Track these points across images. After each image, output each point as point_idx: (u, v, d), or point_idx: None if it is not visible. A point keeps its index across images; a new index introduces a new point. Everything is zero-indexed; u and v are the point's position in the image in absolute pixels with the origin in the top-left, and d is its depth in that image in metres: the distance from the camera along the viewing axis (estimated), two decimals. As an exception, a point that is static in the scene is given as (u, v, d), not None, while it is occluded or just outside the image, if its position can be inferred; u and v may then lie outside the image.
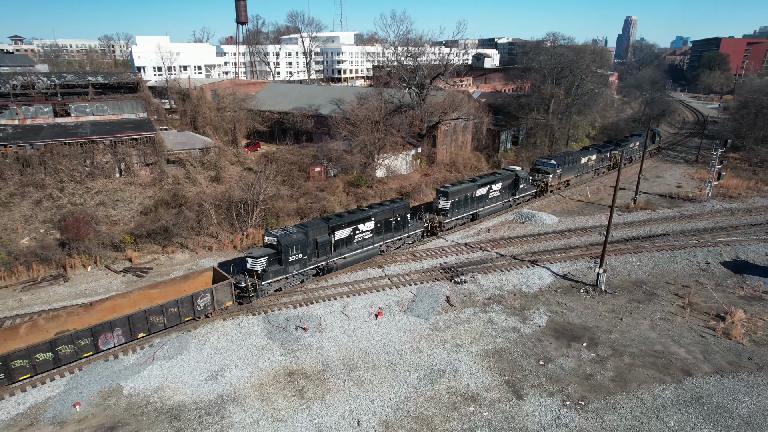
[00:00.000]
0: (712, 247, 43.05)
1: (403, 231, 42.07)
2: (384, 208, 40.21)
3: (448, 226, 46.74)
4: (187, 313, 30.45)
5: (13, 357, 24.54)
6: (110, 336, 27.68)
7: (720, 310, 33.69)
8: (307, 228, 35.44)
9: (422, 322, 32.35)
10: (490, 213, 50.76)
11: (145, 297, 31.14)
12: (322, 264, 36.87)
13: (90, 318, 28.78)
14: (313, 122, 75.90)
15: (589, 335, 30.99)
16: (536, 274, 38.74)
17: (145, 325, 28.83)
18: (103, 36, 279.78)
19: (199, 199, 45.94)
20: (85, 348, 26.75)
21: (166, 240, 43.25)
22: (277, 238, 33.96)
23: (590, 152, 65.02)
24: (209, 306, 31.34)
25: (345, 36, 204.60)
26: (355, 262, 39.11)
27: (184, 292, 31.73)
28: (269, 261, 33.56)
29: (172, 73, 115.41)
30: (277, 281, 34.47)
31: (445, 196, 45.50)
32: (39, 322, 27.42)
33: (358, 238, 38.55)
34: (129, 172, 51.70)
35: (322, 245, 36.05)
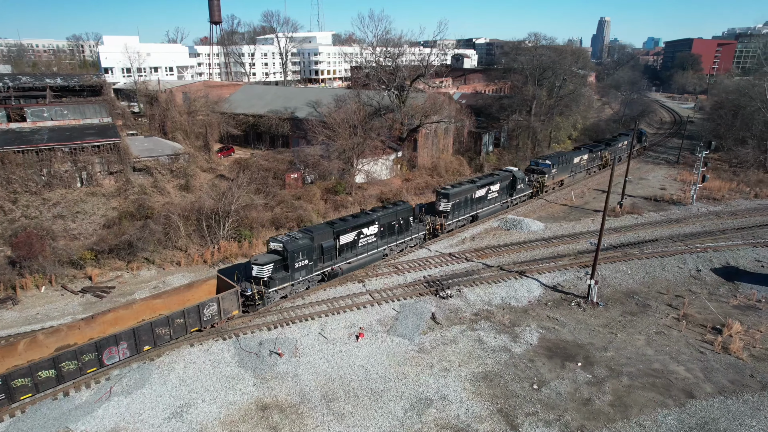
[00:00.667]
0: (702, 253, 41.94)
1: (406, 234, 41.47)
2: (387, 212, 39.56)
3: (449, 227, 46.14)
4: (193, 323, 29.38)
5: (14, 376, 23.19)
6: (115, 350, 26.50)
7: (716, 321, 32.36)
8: (313, 233, 34.53)
9: (406, 343, 30.17)
10: (489, 214, 50.44)
11: (148, 308, 29.94)
12: (327, 269, 36.06)
13: (92, 331, 27.59)
14: (289, 125, 73.21)
15: (583, 354, 29.24)
16: (525, 286, 36.94)
17: (150, 337, 27.68)
18: (72, 36, 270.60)
19: (167, 211, 42.95)
20: (89, 363, 25.57)
21: (131, 255, 40.19)
22: (282, 243, 32.92)
23: (582, 152, 65.12)
24: (216, 316, 30.27)
25: (322, 36, 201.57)
26: (360, 267, 38.34)
27: (188, 301, 30.89)
28: (275, 268, 32.44)
29: (143, 75, 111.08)
30: (283, 288, 33.35)
31: (446, 197, 44.89)
32: (38, 338, 26.06)
33: (362, 243, 37.85)
34: (91, 181, 48.35)
35: (327, 250, 35.26)
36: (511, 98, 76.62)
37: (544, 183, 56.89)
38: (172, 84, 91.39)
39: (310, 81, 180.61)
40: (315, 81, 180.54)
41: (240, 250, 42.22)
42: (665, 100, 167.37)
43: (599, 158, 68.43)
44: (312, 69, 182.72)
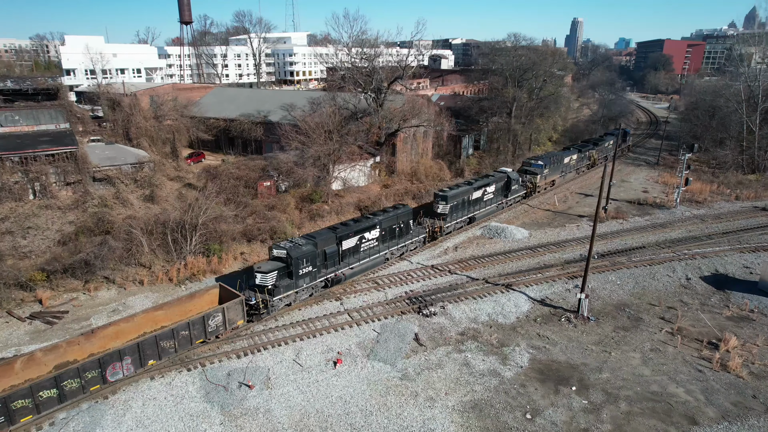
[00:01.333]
0: (690, 260, 40.78)
1: (406, 237, 41.14)
2: (388, 215, 39.13)
3: (448, 230, 46.00)
4: (198, 335, 28.53)
5: (14, 397, 22.09)
6: (119, 366, 25.58)
7: (711, 335, 30.96)
8: (316, 239, 33.99)
9: (389, 370, 27.89)
10: (485, 215, 50.69)
11: (149, 320, 29.06)
12: (331, 276, 35.46)
13: (92, 347, 26.56)
14: (262, 130, 70.24)
15: (577, 376, 27.41)
16: (512, 300, 35.05)
17: (155, 351, 26.81)
18: (35, 35, 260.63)
19: (128, 225, 39.77)
20: (93, 381, 24.60)
21: (89, 274, 36.95)
22: (286, 250, 32.27)
23: (571, 152, 65.59)
24: (221, 326, 29.43)
25: (297, 37, 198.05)
26: (362, 272, 38.14)
27: (190, 312, 30.18)
28: (279, 275, 31.67)
29: (108, 77, 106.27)
30: (287, 296, 32.61)
31: (444, 200, 44.50)
32: (36, 355, 24.85)
33: (364, 247, 37.28)
34: (45, 193, 44.75)
35: (330, 256, 34.59)
36: (491, 100, 75.08)
37: (536, 183, 56.95)
38: (139, 87, 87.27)
39: (285, 82, 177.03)
40: (290, 82, 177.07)
41: (209, 266, 39.40)
42: (640, 100, 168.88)
43: (587, 158, 69.33)
44: (287, 70, 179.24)
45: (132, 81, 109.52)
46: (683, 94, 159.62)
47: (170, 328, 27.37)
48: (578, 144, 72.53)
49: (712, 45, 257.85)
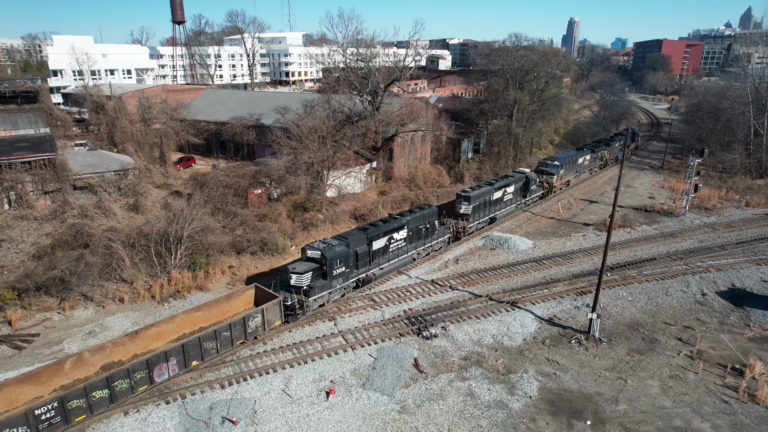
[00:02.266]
0: (704, 274, 38.56)
1: (432, 238, 41.43)
2: (415, 216, 39.32)
3: (471, 230, 46.24)
4: (238, 336, 28.53)
5: (69, 397, 22.13)
6: (165, 367, 25.67)
7: (734, 359, 28.73)
8: (348, 239, 34.13)
9: (386, 401, 25.51)
10: (505, 215, 51.17)
11: (188, 321, 29.34)
12: (362, 276, 35.75)
13: (135, 348, 27.01)
14: (254, 133, 67.84)
15: (591, 407, 25.11)
16: (518, 319, 32.73)
17: (198, 352, 26.85)
18: (27, 35, 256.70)
19: (108, 238, 37.25)
20: (141, 381, 24.73)
21: (65, 291, 34.45)
22: (320, 251, 32.26)
23: (585, 153, 65.86)
24: (259, 327, 29.46)
25: (293, 37, 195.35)
26: (391, 272, 38.47)
27: (227, 313, 30.65)
28: (314, 276, 31.73)
29: (97, 78, 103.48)
30: (321, 297, 32.59)
31: (466, 200, 44.83)
32: (84, 356, 25.11)
33: (392, 248, 37.56)
34: (21, 202, 42.19)
35: (361, 256, 34.84)
36: (492, 102, 72.77)
37: (553, 184, 57.03)
38: (127, 88, 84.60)
39: (280, 83, 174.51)
40: (285, 83, 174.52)
41: (194, 281, 36.98)
42: (639, 101, 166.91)
43: (600, 158, 69.65)
44: (282, 71, 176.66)
45: (121, 82, 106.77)
46: (683, 94, 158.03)
47: (213, 329, 27.31)
48: (590, 144, 72.63)
49: (711, 45, 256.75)
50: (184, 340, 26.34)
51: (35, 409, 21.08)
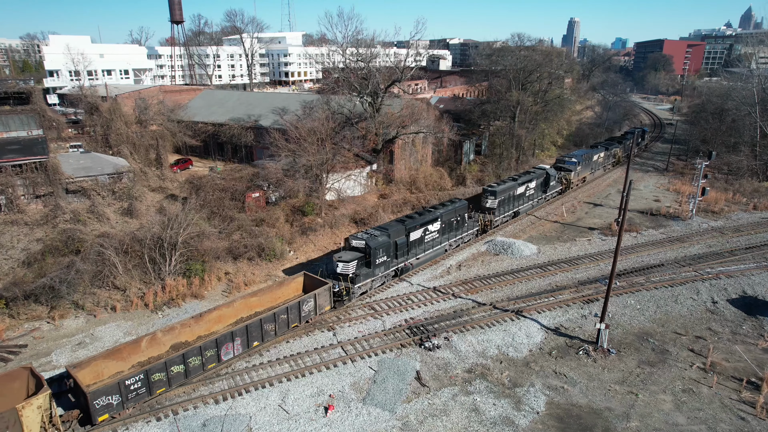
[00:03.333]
0: (714, 281, 37.45)
1: (462, 230, 43.13)
2: (447, 209, 40.94)
3: (496, 223, 47.90)
4: (293, 319, 30.14)
5: (152, 371, 24.15)
6: (230, 346, 27.36)
7: (749, 372, 27.64)
8: (389, 230, 35.97)
9: (387, 417, 24.41)
10: (527, 210, 52.88)
11: (245, 306, 31.05)
12: (401, 265, 37.50)
13: (199, 329, 28.82)
14: (252, 135, 66.71)
15: (602, 424, 24.01)
16: (523, 329, 31.63)
17: (259, 333, 28.49)
18: (26, 34, 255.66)
19: (100, 244, 36.10)
20: (210, 359, 26.48)
21: (54, 300, 33.33)
22: (365, 241, 34.17)
23: (599, 150, 67.86)
24: (312, 312, 31.10)
25: (292, 37, 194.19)
26: (425, 262, 40.24)
27: (279, 299, 32.47)
28: (359, 264, 33.46)
29: (95, 79, 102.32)
30: (365, 284, 34.45)
31: (493, 195, 46.37)
32: (157, 335, 27.20)
33: (427, 239, 39.21)
34: (12, 207, 41.08)
35: (400, 246, 36.65)
36: (494, 103, 71.61)
37: (570, 180, 58.95)
38: (125, 89, 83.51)
39: (279, 83, 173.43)
40: (285, 83, 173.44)
41: (189, 289, 35.89)
42: (641, 101, 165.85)
43: (613, 156, 71.74)
44: (281, 71, 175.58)
45: (118, 83, 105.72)
46: (685, 95, 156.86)
47: (272, 312, 28.82)
48: (604, 143, 74.47)
49: (712, 45, 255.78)
50: (248, 322, 27.88)
51: (126, 379, 23.22)
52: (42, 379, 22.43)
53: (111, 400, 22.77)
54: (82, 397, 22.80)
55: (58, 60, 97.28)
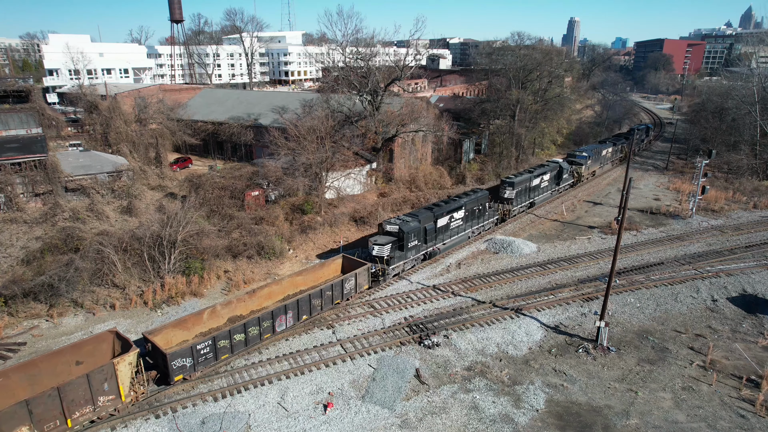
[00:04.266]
0: (714, 279, 37.42)
1: (483, 218, 45.66)
2: (470, 198, 43.55)
3: (514, 213, 50.40)
4: (336, 296, 32.51)
5: (219, 338, 26.42)
6: (283, 318, 29.52)
7: (749, 370, 27.59)
8: (419, 216, 38.45)
9: (386, 414, 24.37)
10: (542, 201, 55.40)
11: (292, 284, 33.61)
12: (429, 249, 39.97)
13: (252, 304, 31.22)
14: (252, 134, 66.65)
15: (601, 422, 23.97)
16: (523, 327, 31.59)
17: (308, 307, 30.75)
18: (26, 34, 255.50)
19: (99, 243, 36.04)
20: (266, 330, 28.70)
21: (54, 297, 33.28)
22: (398, 226, 36.66)
23: (607, 145, 70.53)
24: (352, 290, 33.48)
25: (292, 36, 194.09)
26: (451, 247, 42.69)
27: (320, 278, 34.89)
28: (393, 247, 35.96)
29: (94, 78, 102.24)
30: (398, 266, 37.07)
31: (511, 186, 48.77)
32: (216, 308, 29.53)
33: (452, 226, 41.76)
34: (11, 205, 41.03)
35: (429, 232, 39.11)
36: (494, 102, 71.55)
37: (581, 173, 61.35)
38: (124, 88, 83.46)
39: (279, 82, 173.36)
40: (285, 82, 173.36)
41: (188, 287, 35.82)
42: (641, 101, 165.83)
43: (620, 151, 74.32)
44: (281, 70, 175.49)
45: (118, 82, 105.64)
46: (685, 94, 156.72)
47: (319, 289, 31.25)
48: (612, 138, 77.55)
49: (712, 44, 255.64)
50: (299, 296, 30.31)
51: (197, 344, 25.60)
52: (129, 341, 24.86)
53: (185, 362, 25.25)
54: (159, 359, 25.03)
55: (57, 59, 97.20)
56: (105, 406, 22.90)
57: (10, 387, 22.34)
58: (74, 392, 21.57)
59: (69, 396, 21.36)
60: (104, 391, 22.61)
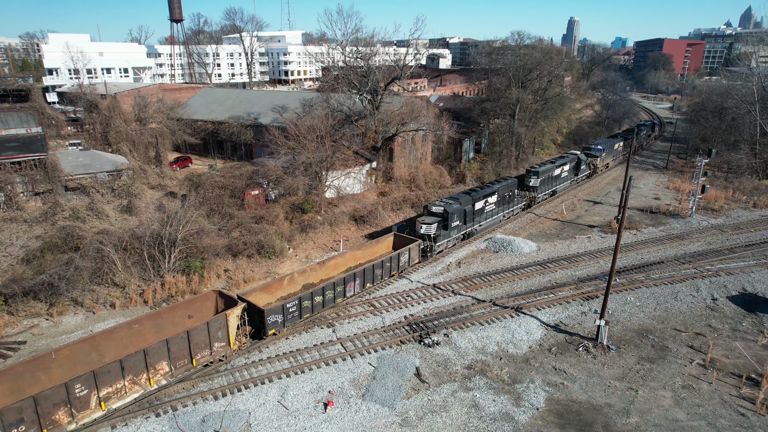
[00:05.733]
0: (714, 278, 37.43)
1: (512, 204, 49.84)
2: (502, 185, 47.69)
3: (538, 200, 54.42)
4: (393, 267, 36.65)
5: (303, 298, 30.15)
6: (352, 285, 33.48)
7: (749, 368, 27.61)
8: (459, 200, 42.38)
9: (386, 413, 24.37)
10: (563, 190, 59.58)
11: (353, 258, 37.43)
12: (468, 230, 43.94)
13: (322, 273, 35.10)
14: (252, 133, 66.63)
15: (602, 420, 23.98)
16: (523, 326, 31.60)
17: (371, 276, 34.73)
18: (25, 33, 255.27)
19: (99, 242, 36.04)
20: (338, 294, 32.53)
21: (54, 296, 33.28)
22: (443, 207, 40.84)
23: (618, 140, 74.69)
24: (405, 263, 37.56)
25: (292, 35, 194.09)
26: (486, 228, 46.92)
27: (376, 253, 38.84)
28: (438, 226, 40.02)
29: (93, 77, 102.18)
30: (442, 243, 40.95)
31: (536, 175, 52.71)
32: (294, 276, 33.37)
33: (487, 209, 45.82)
34: (11, 204, 41.00)
35: (468, 214, 43.04)
36: (494, 102, 71.55)
37: (597, 165, 65.91)
38: (124, 87, 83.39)
39: (279, 82, 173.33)
40: (285, 82, 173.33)
41: (188, 286, 35.83)
42: (640, 100, 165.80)
43: (629, 145, 75.78)
44: (281, 69, 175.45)
45: (117, 81, 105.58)
46: (685, 93, 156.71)
47: (381, 260, 35.23)
48: (622, 133, 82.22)
49: (712, 44, 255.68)
50: (365, 266, 34.30)
51: (287, 303, 29.25)
52: (234, 298, 28.62)
53: (277, 318, 28.89)
54: (256, 315, 28.56)
55: (57, 58, 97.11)
56: (218, 351, 26.94)
57: (143, 332, 26.75)
58: (198, 336, 25.72)
59: (194, 339, 25.58)
60: (218, 338, 26.63)
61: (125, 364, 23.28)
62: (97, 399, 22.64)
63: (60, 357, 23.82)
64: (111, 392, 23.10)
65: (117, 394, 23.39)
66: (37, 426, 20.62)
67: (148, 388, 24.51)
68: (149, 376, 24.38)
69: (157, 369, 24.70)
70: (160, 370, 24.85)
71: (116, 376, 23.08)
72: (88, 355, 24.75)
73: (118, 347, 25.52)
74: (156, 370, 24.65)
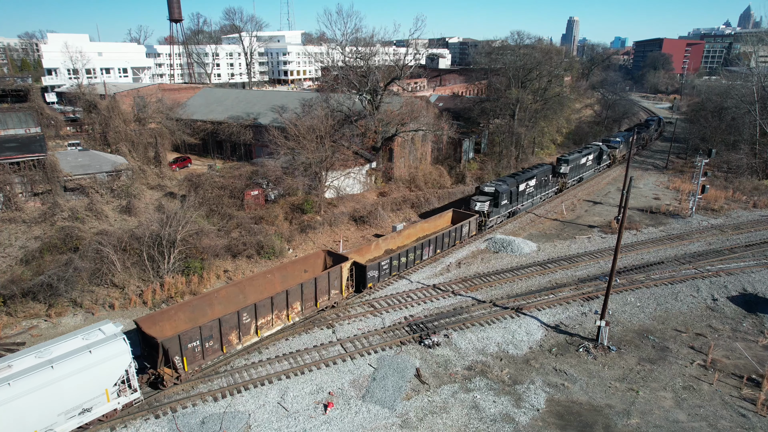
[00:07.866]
0: (714, 278, 37.38)
1: (547, 188, 55.10)
2: (540, 170, 53.09)
3: (568, 185, 59.91)
4: (457, 237, 42.35)
5: (393, 258, 35.77)
6: (428, 249, 39.32)
7: (750, 369, 27.56)
8: (506, 182, 47.76)
9: (386, 414, 24.30)
10: (588, 177, 65.38)
11: (421, 229, 42.65)
12: (513, 209, 49.31)
13: (398, 241, 40.54)
14: (251, 133, 66.50)
15: (602, 421, 23.92)
16: (523, 326, 31.54)
17: (441, 243, 40.55)
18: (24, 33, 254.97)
19: (98, 243, 35.93)
20: (417, 257, 38.41)
21: (53, 297, 33.16)
22: (495, 187, 46.07)
23: (632, 134, 75.46)
24: (466, 234, 43.37)
25: (291, 35, 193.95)
26: (528, 208, 52.53)
27: (438, 226, 44.27)
28: (490, 204, 45.43)
29: (92, 77, 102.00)
30: (492, 219, 46.20)
31: (566, 162, 57.24)
32: (379, 242, 38.88)
33: (527, 191, 51.02)
34: (9, 205, 40.89)
35: (513, 194, 48.39)
36: (494, 102, 71.49)
37: (616, 156, 71.79)
38: (124, 87, 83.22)
39: (278, 82, 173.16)
40: (284, 82, 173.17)
41: (188, 286, 35.70)
42: (640, 100, 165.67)
43: (642, 139, 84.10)
44: (281, 69, 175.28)
45: (117, 81, 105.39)
46: (684, 93, 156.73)
47: (448, 230, 41.21)
48: (636, 127, 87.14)
49: (711, 44, 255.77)
50: (436, 234, 40.25)
51: (381, 261, 35.21)
52: (342, 255, 33.83)
53: (374, 273, 34.74)
54: (358, 271, 33.95)
55: (56, 58, 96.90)
56: (333, 296, 32.08)
57: (273, 282, 31.91)
58: (322, 283, 30.84)
59: (319, 285, 30.74)
60: (335, 286, 31.79)
61: (275, 300, 28.44)
62: (255, 327, 28.02)
63: (219, 296, 29.57)
64: (264, 323, 28.39)
65: (267, 325, 28.71)
66: (219, 343, 26.39)
67: (287, 323, 29.81)
68: (288, 312, 29.62)
69: (293, 308, 29.87)
70: (295, 309, 30.01)
71: (267, 310, 28.31)
72: (237, 296, 30.13)
73: (256, 292, 30.74)
74: (292, 308, 29.80)
